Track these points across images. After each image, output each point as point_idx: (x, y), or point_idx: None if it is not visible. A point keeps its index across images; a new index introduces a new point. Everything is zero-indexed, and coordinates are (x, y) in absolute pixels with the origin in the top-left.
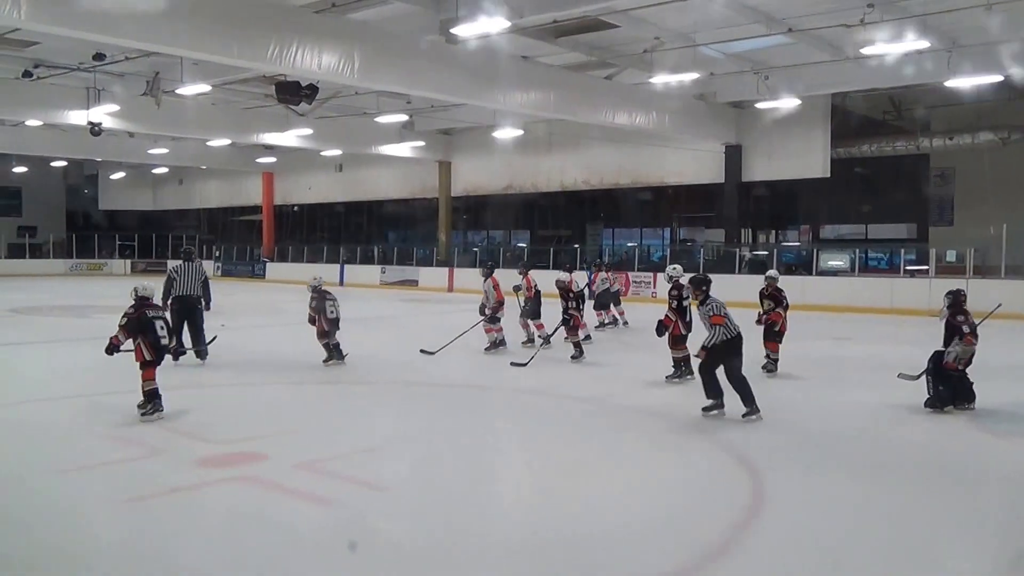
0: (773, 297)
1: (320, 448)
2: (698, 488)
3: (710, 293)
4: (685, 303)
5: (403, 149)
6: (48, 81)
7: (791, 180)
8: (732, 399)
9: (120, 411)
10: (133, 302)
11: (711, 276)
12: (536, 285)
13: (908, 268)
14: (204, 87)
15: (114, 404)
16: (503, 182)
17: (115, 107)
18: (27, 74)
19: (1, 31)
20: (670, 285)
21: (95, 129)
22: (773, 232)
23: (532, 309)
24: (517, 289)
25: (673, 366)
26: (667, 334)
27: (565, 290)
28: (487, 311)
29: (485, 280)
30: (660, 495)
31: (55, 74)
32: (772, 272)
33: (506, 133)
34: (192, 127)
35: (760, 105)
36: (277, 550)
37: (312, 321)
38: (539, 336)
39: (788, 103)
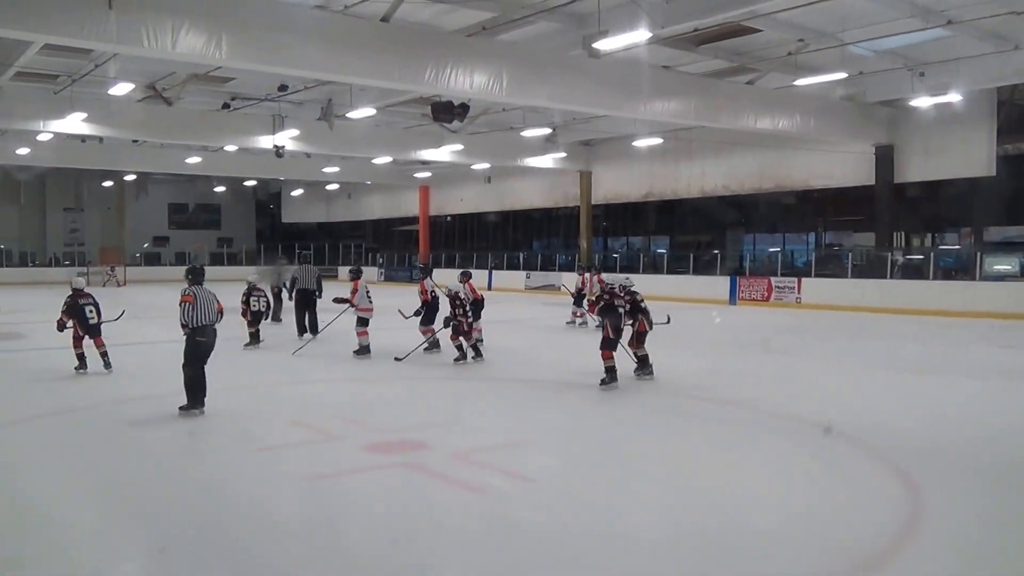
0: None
1: (474, 439)
2: (848, 494)
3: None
4: (643, 304)
5: (547, 161)
6: (242, 111)
7: (950, 180)
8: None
9: (297, 400)
10: (71, 293)
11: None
12: (433, 291)
13: None
14: (370, 110)
15: (291, 394)
16: (643, 189)
17: (296, 131)
18: (225, 106)
19: (206, 70)
20: (624, 292)
21: (279, 152)
22: (929, 235)
23: (428, 316)
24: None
25: (639, 364)
26: (633, 334)
27: (454, 297)
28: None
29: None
30: (808, 499)
31: (247, 105)
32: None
33: (646, 142)
34: (359, 147)
35: (915, 102)
36: (431, 533)
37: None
38: (466, 344)
39: (947, 99)
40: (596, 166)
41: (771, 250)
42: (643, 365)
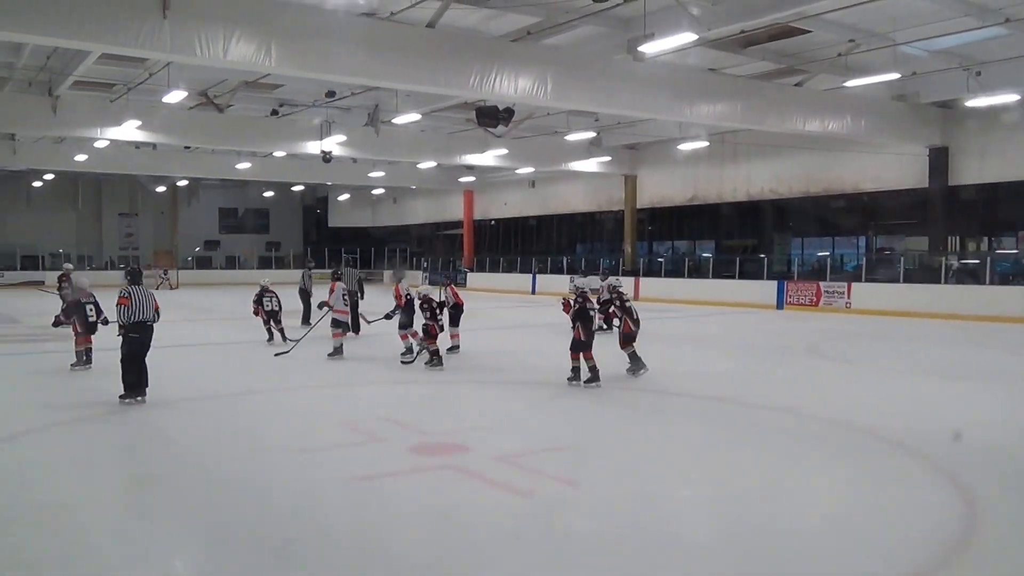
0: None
1: (517, 443)
2: (898, 501)
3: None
4: (628, 304)
5: (591, 165)
6: (290, 118)
7: (1008, 182)
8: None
9: (342, 402)
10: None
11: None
12: (408, 294)
13: None
14: (415, 116)
15: (336, 396)
16: (687, 193)
17: (342, 137)
18: (274, 112)
19: (256, 77)
20: (612, 292)
21: (327, 157)
22: (985, 239)
23: (405, 319)
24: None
25: (631, 362)
26: (619, 334)
27: (426, 300)
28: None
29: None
30: (858, 505)
31: (295, 111)
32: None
33: (691, 145)
34: (404, 152)
35: (971, 103)
36: (476, 535)
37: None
38: (416, 344)
39: (1006, 99)
40: (641, 170)
41: (820, 254)
42: (634, 361)
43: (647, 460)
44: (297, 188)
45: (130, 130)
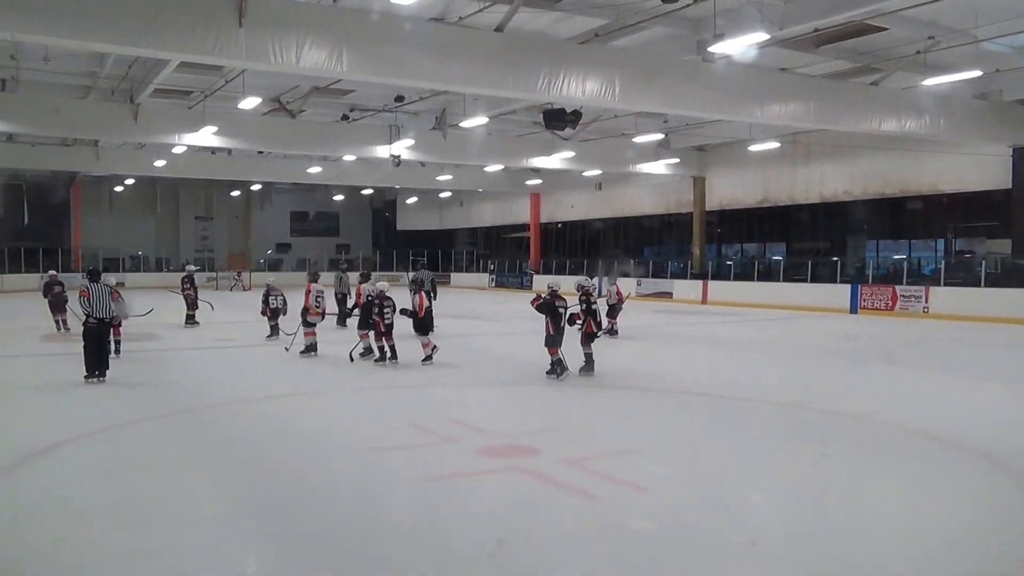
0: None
1: (585, 446)
2: (980, 515)
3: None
4: (594, 306)
5: (658, 167)
6: (360, 122)
7: None
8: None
9: (412, 403)
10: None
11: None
12: (368, 296)
13: None
14: (482, 119)
15: (407, 397)
16: (758, 195)
17: (411, 141)
18: (344, 117)
19: (327, 83)
20: (580, 292)
21: (395, 161)
22: None
23: (363, 319)
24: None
25: (586, 361)
26: (581, 333)
27: (379, 297)
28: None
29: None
30: (938, 518)
31: (365, 116)
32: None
33: (762, 146)
34: (472, 155)
35: None
36: (545, 538)
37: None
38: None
39: None
40: (710, 171)
41: (896, 257)
42: (587, 363)
43: (716, 465)
44: (366, 191)
45: (207, 136)
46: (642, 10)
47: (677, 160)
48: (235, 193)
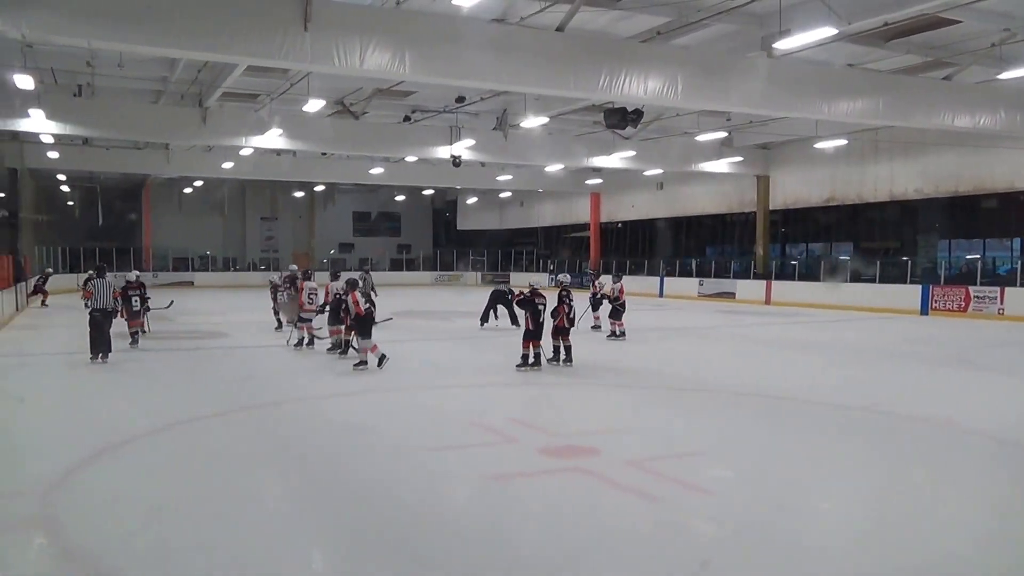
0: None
1: (647, 447)
2: None
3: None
4: (571, 303)
5: (721, 165)
6: (421, 123)
7: None
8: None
9: (473, 402)
10: (123, 284)
11: None
12: (337, 294)
13: None
14: (543, 119)
15: (468, 396)
16: (824, 194)
17: (471, 141)
18: (406, 119)
19: (390, 85)
20: (560, 288)
21: (456, 161)
22: None
23: (333, 315)
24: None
25: (554, 351)
26: (553, 325)
27: (339, 297)
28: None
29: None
30: (1007, 525)
31: (426, 117)
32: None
33: (829, 143)
34: (532, 155)
35: None
36: (606, 539)
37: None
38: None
39: None
40: (774, 170)
41: (969, 257)
42: (565, 353)
43: (782, 468)
44: (427, 192)
45: (272, 138)
46: (705, 7)
47: (740, 158)
48: (299, 194)
